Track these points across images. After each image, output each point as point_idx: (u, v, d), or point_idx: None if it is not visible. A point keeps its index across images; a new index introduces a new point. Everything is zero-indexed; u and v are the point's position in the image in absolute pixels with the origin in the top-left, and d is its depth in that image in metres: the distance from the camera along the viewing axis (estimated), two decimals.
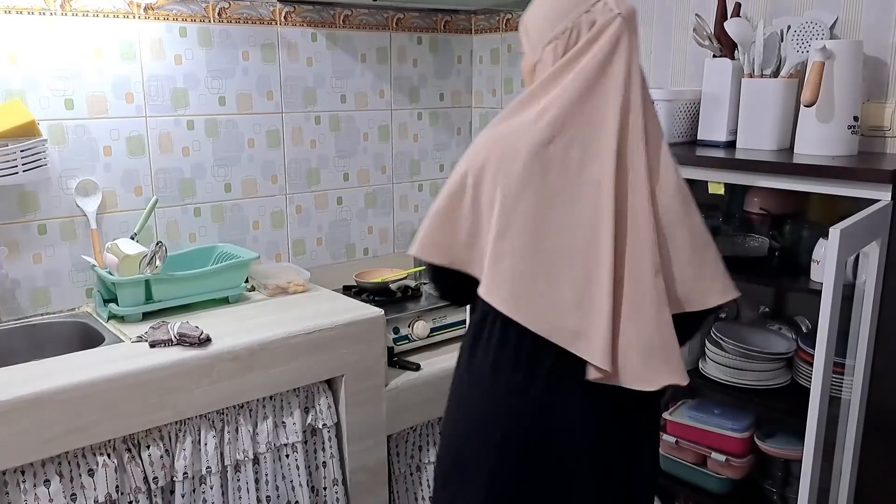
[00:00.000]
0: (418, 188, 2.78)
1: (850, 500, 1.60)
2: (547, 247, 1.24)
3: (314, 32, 2.41)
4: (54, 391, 1.54)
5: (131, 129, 2.13)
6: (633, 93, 1.24)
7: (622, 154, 1.23)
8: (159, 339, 1.76)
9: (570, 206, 1.23)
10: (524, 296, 1.24)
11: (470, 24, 2.79)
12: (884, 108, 1.73)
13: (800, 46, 1.74)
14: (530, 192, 1.23)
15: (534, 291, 1.24)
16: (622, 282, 1.22)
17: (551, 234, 1.23)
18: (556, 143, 1.24)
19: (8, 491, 1.54)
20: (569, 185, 1.24)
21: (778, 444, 1.77)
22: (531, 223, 1.23)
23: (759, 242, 1.81)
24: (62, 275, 2.07)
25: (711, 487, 1.88)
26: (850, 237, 1.30)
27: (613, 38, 1.23)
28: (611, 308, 1.20)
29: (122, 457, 1.67)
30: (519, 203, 1.24)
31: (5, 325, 1.97)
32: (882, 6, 1.72)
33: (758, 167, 1.65)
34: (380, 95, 2.61)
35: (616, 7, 1.24)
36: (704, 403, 1.97)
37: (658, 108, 1.90)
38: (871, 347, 1.53)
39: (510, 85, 2.69)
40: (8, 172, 1.84)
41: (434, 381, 2.09)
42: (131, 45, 2.09)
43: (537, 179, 1.23)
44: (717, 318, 1.93)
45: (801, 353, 1.71)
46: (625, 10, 1.24)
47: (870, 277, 1.50)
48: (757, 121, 1.81)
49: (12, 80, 1.92)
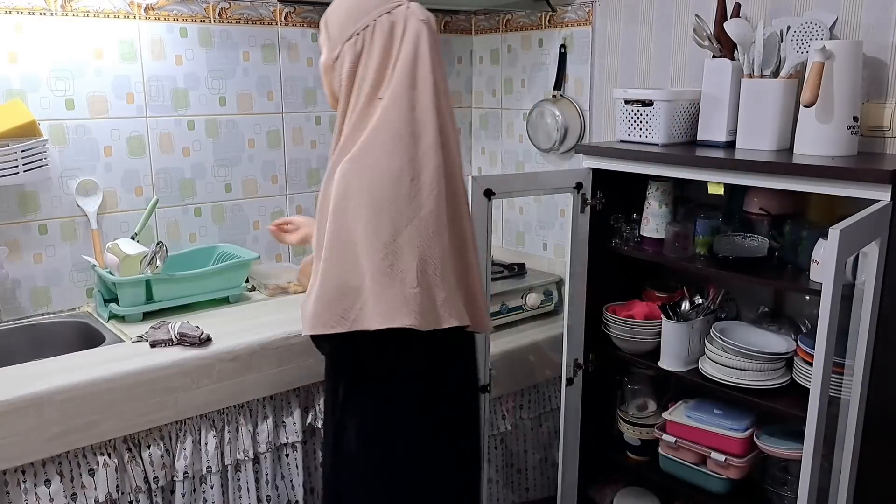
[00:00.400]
0: None
1: (850, 500, 1.60)
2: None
3: (314, 33, 2.41)
4: (55, 391, 1.54)
5: (132, 130, 2.13)
6: (442, 98, 1.35)
7: (448, 171, 1.35)
8: (160, 338, 1.76)
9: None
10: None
11: (470, 24, 2.79)
12: (883, 109, 1.74)
13: (799, 47, 1.74)
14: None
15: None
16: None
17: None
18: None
19: (8, 491, 1.54)
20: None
21: (777, 444, 1.77)
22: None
23: (758, 242, 1.81)
24: (63, 275, 2.07)
25: (711, 487, 1.88)
26: (850, 237, 1.30)
27: (415, 36, 1.33)
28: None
29: (123, 456, 1.67)
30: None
31: (6, 325, 1.97)
32: (882, 6, 1.73)
33: (757, 167, 1.65)
34: None
35: (419, 13, 1.35)
36: (704, 403, 1.97)
37: (658, 109, 1.92)
38: (871, 347, 1.53)
39: (510, 85, 2.69)
40: (9, 172, 1.84)
41: None
42: (132, 45, 2.09)
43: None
44: (717, 317, 1.93)
45: (800, 353, 1.71)
46: (426, 17, 1.35)
47: (869, 277, 1.50)
48: (756, 121, 1.81)
49: (13, 80, 1.93)
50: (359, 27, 1.33)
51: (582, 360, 2.10)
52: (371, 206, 1.29)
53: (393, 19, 1.33)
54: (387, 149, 1.31)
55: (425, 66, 1.33)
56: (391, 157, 1.31)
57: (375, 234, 1.29)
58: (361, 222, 1.29)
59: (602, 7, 2.32)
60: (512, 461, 2.35)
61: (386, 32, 1.32)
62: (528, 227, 2.71)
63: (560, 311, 2.45)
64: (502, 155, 2.77)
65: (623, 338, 2.00)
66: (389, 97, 1.32)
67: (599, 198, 2.01)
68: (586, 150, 2.02)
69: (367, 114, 1.33)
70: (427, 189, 1.32)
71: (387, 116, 1.32)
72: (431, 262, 1.31)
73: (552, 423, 2.38)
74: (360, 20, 1.33)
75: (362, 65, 1.33)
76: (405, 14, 1.34)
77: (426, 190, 1.32)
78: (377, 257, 1.28)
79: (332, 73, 1.39)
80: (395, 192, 1.30)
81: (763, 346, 1.78)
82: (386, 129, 1.32)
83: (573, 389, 2.10)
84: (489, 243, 1.78)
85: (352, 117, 1.34)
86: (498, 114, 2.76)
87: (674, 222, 1.94)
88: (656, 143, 1.94)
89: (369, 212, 1.29)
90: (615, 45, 2.30)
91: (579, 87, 2.44)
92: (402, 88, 1.32)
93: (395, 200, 1.30)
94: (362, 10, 1.33)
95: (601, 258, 2.05)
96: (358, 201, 1.30)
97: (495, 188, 1.76)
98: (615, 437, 2.18)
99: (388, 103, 1.32)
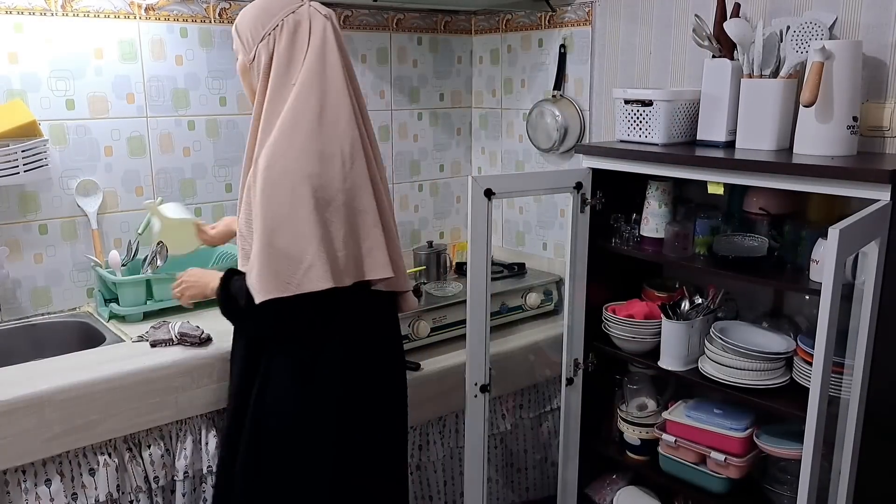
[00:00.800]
0: (418, 188, 2.79)
1: (850, 500, 1.60)
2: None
3: None
4: (55, 391, 1.55)
5: (132, 130, 2.13)
6: (355, 85, 1.52)
7: (365, 145, 1.50)
8: (160, 338, 1.76)
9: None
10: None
11: (470, 24, 2.79)
12: (883, 109, 1.74)
13: (799, 47, 1.75)
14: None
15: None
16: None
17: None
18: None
19: (9, 490, 1.54)
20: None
21: (777, 444, 1.77)
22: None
23: (758, 242, 1.81)
24: (63, 275, 2.08)
25: (711, 487, 1.89)
26: (850, 237, 1.30)
27: (321, 32, 1.47)
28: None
29: (123, 456, 1.67)
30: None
31: (6, 325, 1.97)
32: (881, 6, 1.73)
33: (757, 167, 1.65)
34: (380, 96, 2.61)
35: (321, 10, 1.49)
36: (703, 403, 1.97)
37: (657, 109, 1.92)
38: (871, 347, 1.54)
39: (510, 85, 2.69)
40: (9, 172, 1.84)
41: (434, 381, 2.09)
42: (132, 45, 2.09)
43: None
44: (716, 317, 1.93)
45: (800, 353, 1.71)
46: (327, 13, 1.50)
47: (869, 277, 1.50)
48: (756, 121, 1.81)
49: (13, 80, 1.93)
50: (269, 28, 1.47)
51: (582, 359, 2.10)
52: (297, 182, 1.41)
53: (298, 17, 1.47)
54: (304, 127, 1.44)
55: (333, 54, 1.48)
56: (309, 136, 1.43)
57: (305, 207, 1.40)
58: (290, 198, 1.41)
59: (602, 7, 2.32)
60: (512, 461, 2.35)
61: (293, 29, 1.47)
62: (528, 227, 2.71)
63: (560, 311, 2.45)
64: (502, 155, 2.77)
65: (623, 337, 2.01)
66: (301, 82, 1.45)
67: (599, 198, 2.01)
68: (586, 150, 2.02)
69: (281, 99, 1.46)
70: (348, 162, 1.46)
71: (301, 98, 1.45)
72: (356, 228, 1.48)
73: (552, 423, 2.38)
74: (269, 22, 1.47)
75: (276, 59, 1.47)
76: (308, 12, 1.49)
77: (347, 163, 1.46)
78: (307, 228, 1.40)
79: (250, 73, 1.52)
80: (320, 168, 1.43)
81: (763, 345, 1.78)
82: (301, 110, 1.44)
83: (573, 389, 2.10)
84: (489, 243, 1.79)
85: (267, 106, 1.47)
86: (498, 114, 2.76)
87: (673, 222, 1.94)
88: (656, 143, 1.94)
89: (297, 187, 1.41)
90: (615, 45, 2.30)
91: (579, 87, 2.44)
92: (313, 73, 1.46)
93: (319, 175, 1.42)
94: (269, 13, 1.47)
95: (601, 258, 2.05)
96: (284, 180, 1.41)
97: (495, 188, 1.76)
98: (615, 437, 2.18)
99: (299, 88, 1.45)
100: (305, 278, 1.40)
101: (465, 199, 2.88)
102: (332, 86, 1.47)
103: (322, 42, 1.47)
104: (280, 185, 1.40)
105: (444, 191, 2.86)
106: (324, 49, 1.47)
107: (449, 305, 2.26)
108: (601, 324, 2.07)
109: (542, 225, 2.66)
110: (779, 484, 1.81)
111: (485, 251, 1.77)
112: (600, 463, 2.22)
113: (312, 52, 1.46)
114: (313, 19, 1.48)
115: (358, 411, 1.58)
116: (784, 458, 1.78)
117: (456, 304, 2.26)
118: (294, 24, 1.47)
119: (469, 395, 1.83)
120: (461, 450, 2.19)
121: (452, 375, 2.09)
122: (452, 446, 2.20)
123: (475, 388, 1.83)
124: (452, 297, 2.30)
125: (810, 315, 1.88)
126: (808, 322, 1.89)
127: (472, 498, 1.91)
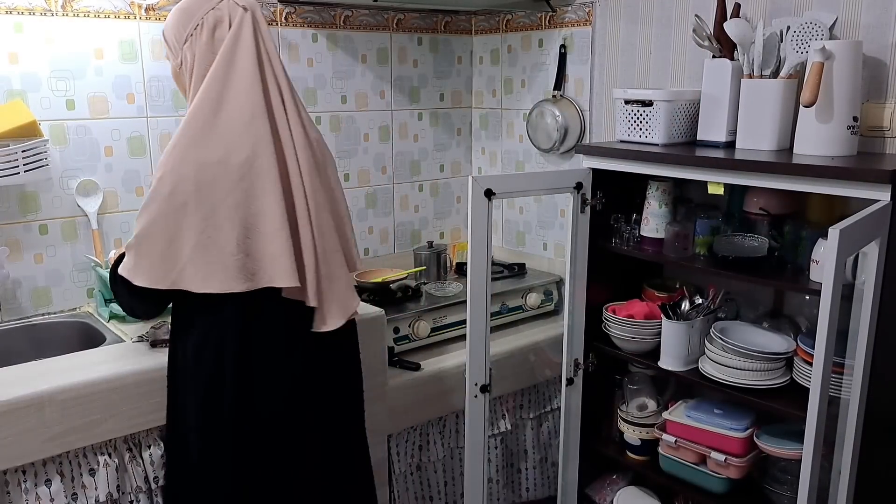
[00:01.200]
0: (418, 188, 2.79)
1: (850, 500, 1.60)
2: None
3: (315, 33, 2.41)
4: (55, 391, 1.54)
5: (132, 130, 2.13)
6: (268, 73, 1.44)
7: (277, 146, 1.43)
8: (160, 338, 1.76)
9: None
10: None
11: (470, 24, 2.79)
12: (883, 109, 1.74)
13: (799, 47, 1.75)
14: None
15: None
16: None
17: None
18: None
19: (9, 490, 1.54)
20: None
21: (777, 444, 1.77)
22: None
23: (758, 242, 1.81)
24: (63, 275, 2.08)
25: (711, 487, 1.89)
26: (850, 237, 1.30)
27: (237, 27, 1.43)
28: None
29: (123, 456, 1.67)
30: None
31: (6, 325, 1.97)
32: (882, 6, 1.73)
33: (757, 167, 1.65)
34: (380, 96, 2.61)
35: (241, 2, 1.45)
36: (704, 403, 1.97)
37: (658, 109, 1.92)
38: (871, 347, 1.54)
39: (510, 85, 2.69)
40: (9, 172, 1.84)
41: (434, 381, 2.10)
42: (132, 45, 2.09)
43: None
44: (716, 317, 1.93)
45: (800, 353, 1.71)
46: (246, 4, 1.45)
47: (869, 277, 1.50)
48: (756, 121, 1.81)
49: (13, 80, 1.93)
50: (189, 29, 1.44)
51: (582, 359, 2.10)
52: (177, 183, 1.38)
53: (218, 14, 1.44)
54: (193, 127, 1.40)
55: (245, 50, 1.43)
56: (195, 137, 1.39)
57: (177, 209, 1.38)
58: (168, 199, 1.39)
59: (602, 7, 2.32)
60: (512, 461, 2.35)
61: (212, 26, 1.43)
62: (528, 227, 2.71)
63: (560, 311, 2.45)
64: (502, 155, 2.77)
65: (623, 338, 2.01)
66: (206, 81, 1.42)
67: (599, 198, 2.01)
68: (586, 150, 2.02)
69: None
70: (244, 163, 1.39)
71: (201, 97, 1.41)
72: (254, 232, 1.40)
73: (552, 423, 2.38)
74: (190, 23, 1.44)
75: (198, 59, 1.44)
76: (228, 6, 1.44)
77: (243, 164, 1.39)
78: (196, 230, 1.38)
79: (181, 77, 1.50)
80: (200, 170, 1.38)
81: (763, 345, 1.78)
82: (195, 110, 1.41)
83: (573, 389, 2.10)
84: (489, 243, 1.79)
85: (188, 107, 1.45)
86: (498, 114, 2.76)
87: (674, 222, 1.94)
88: (656, 143, 1.94)
89: (175, 189, 1.38)
90: (615, 45, 2.30)
91: (579, 88, 2.44)
92: (217, 71, 1.41)
93: (193, 178, 1.37)
94: (190, 14, 1.45)
95: (601, 258, 2.05)
96: (165, 181, 1.39)
97: (495, 188, 1.76)
98: (615, 437, 2.18)
99: (203, 86, 1.42)
100: (179, 277, 1.40)
101: (465, 200, 2.88)
102: (237, 84, 1.41)
103: (234, 38, 1.43)
104: (158, 189, 1.39)
105: (445, 191, 2.86)
106: (234, 46, 1.42)
107: (449, 305, 2.26)
108: (601, 324, 2.07)
109: (543, 225, 2.66)
110: (779, 484, 1.81)
111: (485, 251, 1.77)
112: (600, 463, 2.22)
113: (224, 47, 1.42)
114: (233, 14, 1.44)
115: (252, 411, 1.50)
116: (784, 458, 1.78)
117: (456, 304, 2.26)
118: (214, 21, 1.43)
119: (469, 395, 1.83)
120: (461, 450, 2.19)
121: (452, 375, 2.10)
122: (452, 446, 2.21)
123: (475, 388, 1.83)
124: (452, 297, 2.31)
125: (810, 315, 1.88)
126: (808, 322, 1.89)
127: (472, 498, 1.91)
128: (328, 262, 1.49)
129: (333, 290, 1.51)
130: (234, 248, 1.38)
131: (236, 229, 1.39)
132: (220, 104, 1.41)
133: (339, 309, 1.51)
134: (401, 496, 2.16)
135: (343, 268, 1.54)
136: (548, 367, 2.30)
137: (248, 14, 1.44)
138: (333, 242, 1.51)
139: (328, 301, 1.50)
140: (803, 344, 1.70)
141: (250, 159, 1.39)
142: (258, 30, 1.45)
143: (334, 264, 1.51)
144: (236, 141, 1.39)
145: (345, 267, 1.55)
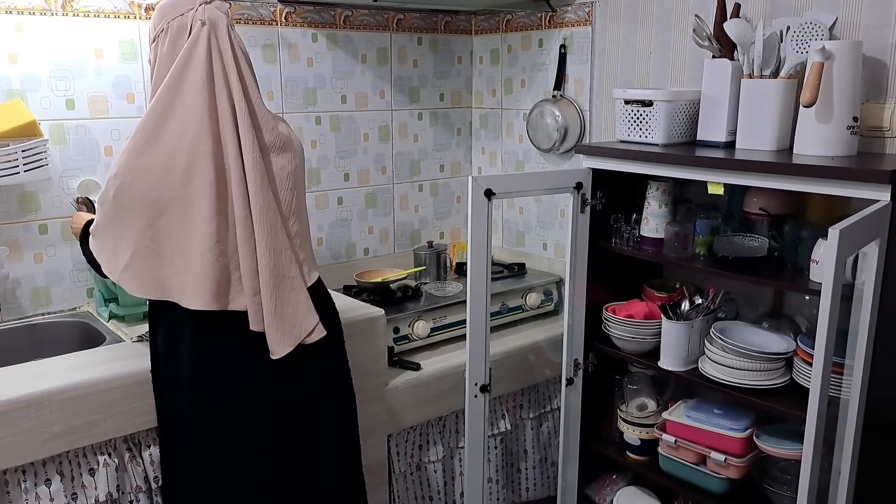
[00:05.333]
0: (418, 188, 2.79)
1: (850, 500, 1.60)
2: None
3: (315, 33, 2.41)
4: (55, 391, 1.54)
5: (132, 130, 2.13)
6: (219, 89, 1.41)
7: (217, 162, 1.42)
8: None
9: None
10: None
11: (470, 24, 2.79)
12: (883, 109, 1.74)
13: (799, 47, 1.75)
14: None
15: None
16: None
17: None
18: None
19: (9, 490, 1.54)
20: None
21: (777, 444, 1.77)
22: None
23: (758, 242, 1.81)
24: (63, 275, 2.08)
25: (711, 487, 1.89)
26: (850, 237, 1.30)
27: (193, 41, 1.41)
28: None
29: (123, 456, 1.67)
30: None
31: (6, 325, 1.97)
32: (881, 6, 1.73)
33: (757, 167, 1.65)
34: (380, 96, 2.61)
35: (210, 12, 1.42)
36: (704, 403, 1.97)
37: (658, 109, 1.92)
38: (871, 347, 1.54)
39: (510, 85, 2.69)
40: (9, 172, 1.84)
41: (434, 381, 2.10)
42: (132, 45, 2.09)
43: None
44: (716, 317, 1.93)
45: (800, 353, 1.71)
46: (208, 18, 1.42)
47: (869, 277, 1.50)
48: (756, 121, 1.81)
49: (13, 80, 1.93)
50: (158, 30, 1.45)
51: (582, 359, 2.10)
52: (119, 189, 1.43)
53: (184, 21, 1.42)
54: (139, 136, 1.42)
55: (198, 66, 1.41)
56: (139, 147, 1.42)
57: (125, 215, 1.44)
58: (112, 205, 1.45)
59: (602, 7, 2.32)
60: (512, 461, 2.35)
61: (176, 34, 1.43)
62: (528, 227, 2.71)
63: (560, 311, 2.45)
64: (502, 155, 2.77)
65: (623, 338, 2.01)
66: (158, 91, 1.42)
67: (599, 198, 2.01)
68: (586, 150, 2.02)
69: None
70: (181, 178, 1.41)
71: (150, 107, 1.42)
72: (187, 247, 1.42)
73: (552, 423, 2.38)
74: (160, 23, 1.45)
75: (157, 64, 1.45)
76: (194, 15, 1.42)
77: (180, 178, 1.41)
78: (136, 237, 1.43)
79: (153, 73, 1.50)
80: (140, 178, 1.41)
81: (763, 346, 1.78)
82: (143, 120, 1.43)
83: (573, 389, 2.10)
84: (489, 243, 1.79)
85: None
86: (498, 114, 2.76)
87: (674, 222, 1.94)
88: (656, 144, 1.94)
89: (118, 195, 1.43)
90: (615, 45, 2.30)
91: (579, 88, 2.44)
92: (168, 84, 1.41)
93: (150, 192, 1.41)
94: (162, 14, 1.45)
95: (601, 258, 2.05)
96: (116, 181, 1.43)
97: (495, 188, 1.77)
98: (615, 437, 2.18)
99: (155, 96, 1.43)
100: (119, 279, 1.47)
101: (465, 200, 2.88)
102: (185, 101, 1.41)
103: (189, 53, 1.41)
104: (106, 190, 1.44)
105: (445, 191, 2.86)
106: (188, 60, 1.41)
107: (449, 305, 2.26)
108: (601, 324, 2.07)
109: (542, 225, 2.66)
110: (779, 484, 1.81)
111: (485, 251, 1.77)
112: (600, 463, 2.22)
113: (177, 61, 1.41)
114: (194, 24, 1.41)
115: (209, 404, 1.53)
116: (784, 459, 1.78)
117: (456, 304, 2.26)
118: (177, 29, 1.42)
119: (469, 395, 1.83)
120: (461, 450, 2.20)
121: (452, 375, 2.10)
122: (452, 446, 2.21)
123: (475, 388, 1.84)
124: (452, 297, 2.31)
125: (810, 315, 1.88)
126: (808, 322, 1.89)
127: (472, 498, 1.91)
128: (279, 287, 1.46)
129: (283, 315, 1.47)
130: (161, 261, 1.44)
131: (170, 244, 1.43)
132: (166, 118, 1.42)
133: (287, 337, 1.47)
134: (400, 496, 2.16)
135: (298, 291, 1.49)
136: (547, 367, 2.30)
137: (205, 28, 1.41)
138: (286, 264, 1.47)
139: (271, 327, 1.46)
140: (803, 344, 1.70)
141: (187, 177, 1.41)
142: (214, 45, 1.42)
143: (284, 289, 1.47)
144: (175, 157, 1.41)
145: (301, 289, 1.49)
